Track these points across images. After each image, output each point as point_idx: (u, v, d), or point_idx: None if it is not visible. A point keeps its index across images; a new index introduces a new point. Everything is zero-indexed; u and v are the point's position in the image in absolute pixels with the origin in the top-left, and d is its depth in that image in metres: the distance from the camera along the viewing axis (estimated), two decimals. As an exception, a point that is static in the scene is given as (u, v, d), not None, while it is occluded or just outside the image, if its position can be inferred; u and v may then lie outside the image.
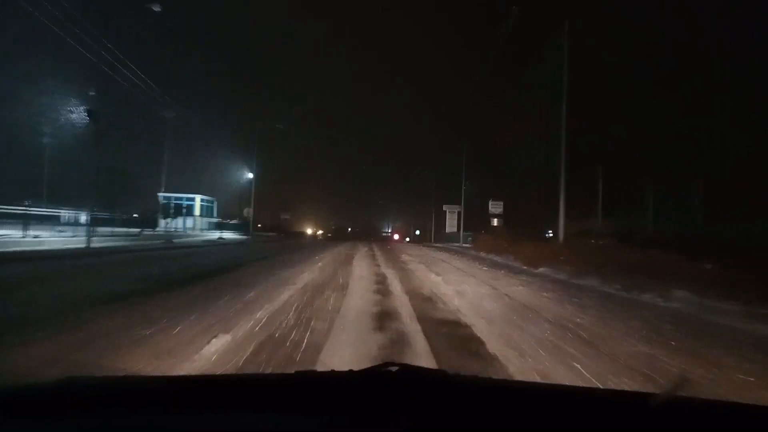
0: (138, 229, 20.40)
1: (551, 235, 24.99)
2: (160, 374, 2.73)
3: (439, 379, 1.21)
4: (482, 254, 20.09)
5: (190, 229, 28.70)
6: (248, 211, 28.48)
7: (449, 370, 1.34)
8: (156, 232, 21.86)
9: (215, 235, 26.06)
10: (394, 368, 1.13)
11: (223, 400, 1.06)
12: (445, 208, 42.71)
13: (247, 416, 1.02)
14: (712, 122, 20.46)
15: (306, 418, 1.00)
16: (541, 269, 12.61)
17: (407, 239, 55.23)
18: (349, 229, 70.26)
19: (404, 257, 16.48)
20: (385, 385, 1.10)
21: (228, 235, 27.45)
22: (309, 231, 57.86)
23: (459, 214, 36.73)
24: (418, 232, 56.80)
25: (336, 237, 51.90)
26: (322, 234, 58.25)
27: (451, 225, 42.42)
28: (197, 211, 31.96)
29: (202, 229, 29.40)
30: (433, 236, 47.82)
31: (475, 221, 35.21)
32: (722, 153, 19.32)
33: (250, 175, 33.55)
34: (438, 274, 10.13)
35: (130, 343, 3.48)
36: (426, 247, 30.84)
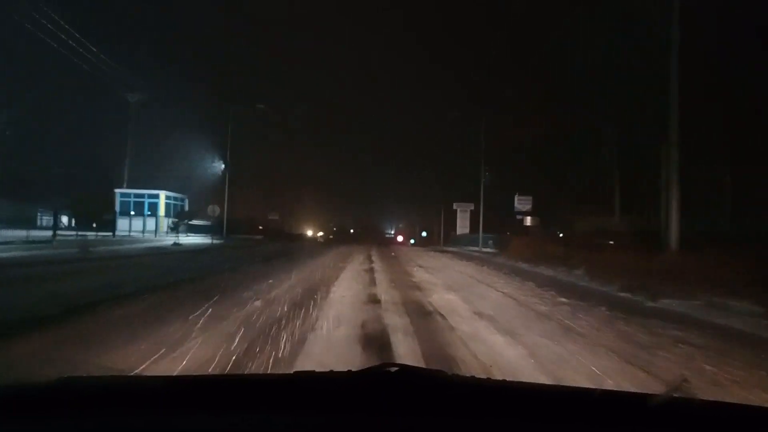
0: (50, 233, 15.17)
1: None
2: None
3: (438, 380, 1.17)
4: (523, 266, 14.60)
5: (139, 232, 23.29)
6: (214, 209, 23.09)
7: (448, 370, 1.33)
8: (77, 237, 16.54)
9: (177, 239, 20.57)
10: (393, 368, 1.10)
11: (221, 400, 1.03)
12: (455, 206, 37.99)
13: (245, 416, 1.00)
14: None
15: (304, 419, 0.98)
16: (665, 301, 7.17)
17: (411, 241, 49.78)
18: (351, 231, 65.41)
19: (418, 274, 11.08)
20: (383, 385, 1.06)
21: (193, 239, 22.04)
22: (310, 233, 52.43)
23: (477, 212, 31.30)
24: (425, 234, 51.20)
25: (336, 239, 46.71)
26: (322, 236, 52.72)
27: (462, 226, 37.70)
28: (162, 211, 26.57)
29: (157, 232, 23.99)
30: (443, 238, 42.63)
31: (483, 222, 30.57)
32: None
33: (231, 169, 28.35)
34: (510, 334, 4.70)
35: None
36: (439, 252, 25.05)
